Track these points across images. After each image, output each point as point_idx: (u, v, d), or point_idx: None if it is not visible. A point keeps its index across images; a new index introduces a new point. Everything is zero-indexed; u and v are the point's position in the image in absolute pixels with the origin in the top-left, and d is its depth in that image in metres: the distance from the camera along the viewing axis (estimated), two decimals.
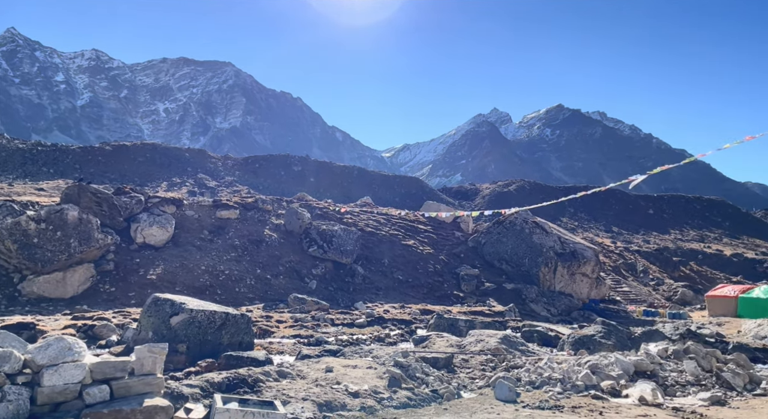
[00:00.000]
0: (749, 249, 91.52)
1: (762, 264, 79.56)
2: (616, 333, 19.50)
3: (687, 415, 8.10)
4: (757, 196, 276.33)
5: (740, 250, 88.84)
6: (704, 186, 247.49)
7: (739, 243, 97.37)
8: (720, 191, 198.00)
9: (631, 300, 41.93)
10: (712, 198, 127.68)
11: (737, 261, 79.95)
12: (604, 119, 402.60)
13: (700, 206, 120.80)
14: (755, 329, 22.61)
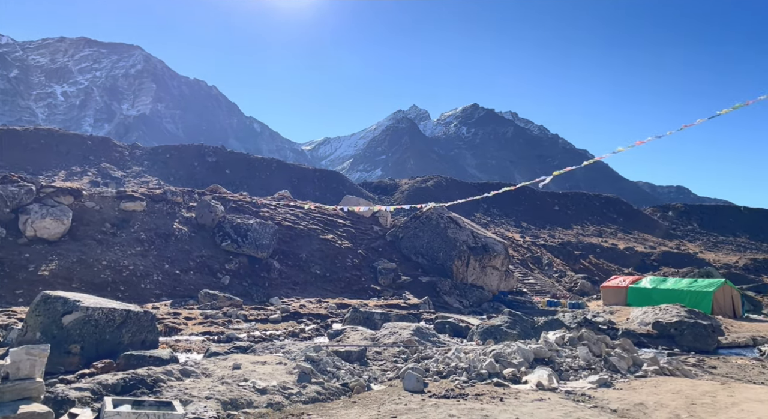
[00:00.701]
0: (639, 243, 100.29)
1: (650, 257, 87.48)
2: (521, 323, 20.63)
3: (577, 397, 8.73)
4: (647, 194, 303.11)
5: (632, 244, 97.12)
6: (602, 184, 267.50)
7: (631, 238, 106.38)
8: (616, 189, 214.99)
9: (536, 291, 44.51)
10: (609, 196, 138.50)
11: (629, 254, 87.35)
12: (515, 119, 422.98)
13: (598, 203, 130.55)
14: (641, 316, 24.82)
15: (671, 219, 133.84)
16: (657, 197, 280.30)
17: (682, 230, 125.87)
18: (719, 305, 32.93)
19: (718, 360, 17.65)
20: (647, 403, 8.25)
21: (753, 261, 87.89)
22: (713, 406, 8.04)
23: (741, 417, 7.42)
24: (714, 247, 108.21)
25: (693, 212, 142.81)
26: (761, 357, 19.43)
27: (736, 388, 9.54)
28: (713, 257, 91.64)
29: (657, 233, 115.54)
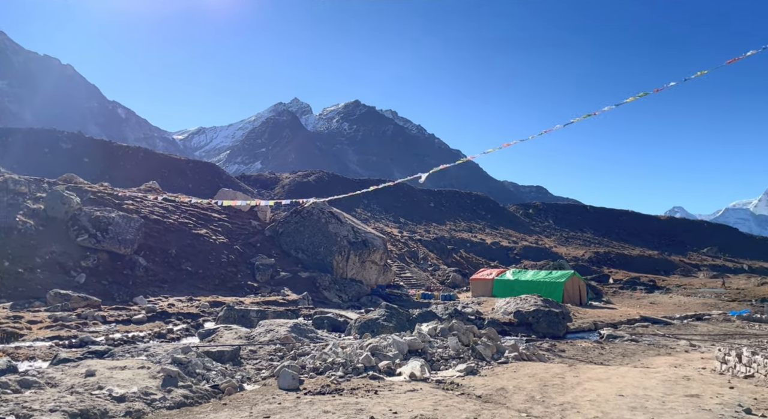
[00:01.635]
0: (504, 238, 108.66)
1: (513, 251, 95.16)
2: (397, 316, 21.25)
3: (447, 386, 9.17)
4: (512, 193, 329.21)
5: (498, 239, 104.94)
6: (473, 183, 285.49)
7: (497, 233, 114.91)
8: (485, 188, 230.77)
9: (413, 285, 46.25)
10: (479, 194, 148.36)
11: (495, 249, 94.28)
12: (395, 118, 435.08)
13: (470, 200, 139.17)
14: (504, 306, 26.87)
15: (531, 216, 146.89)
16: (520, 196, 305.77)
17: (540, 226, 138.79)
18: (569, 294, 36.80)
19: (567, 344, 19.67)
20: (507, 387, 8.91)
21: (596, 254, 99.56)
22: (562, 386, 8.91)
23: (584, 395, 8.30)
24: (566, 242, 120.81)
25: (549, 210, 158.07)
26: (601, 339, 22.02)
27: (581, 369, 10.68)
28: (565, 250, 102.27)
29: (519, 229, 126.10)
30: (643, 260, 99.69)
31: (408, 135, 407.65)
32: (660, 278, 76.41)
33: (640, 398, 8.07)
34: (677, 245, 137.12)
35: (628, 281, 64.00)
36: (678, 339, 22.21)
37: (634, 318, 29.98)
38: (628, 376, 9.77)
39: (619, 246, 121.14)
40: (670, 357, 16.88)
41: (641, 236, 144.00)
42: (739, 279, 76.27)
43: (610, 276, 68.66)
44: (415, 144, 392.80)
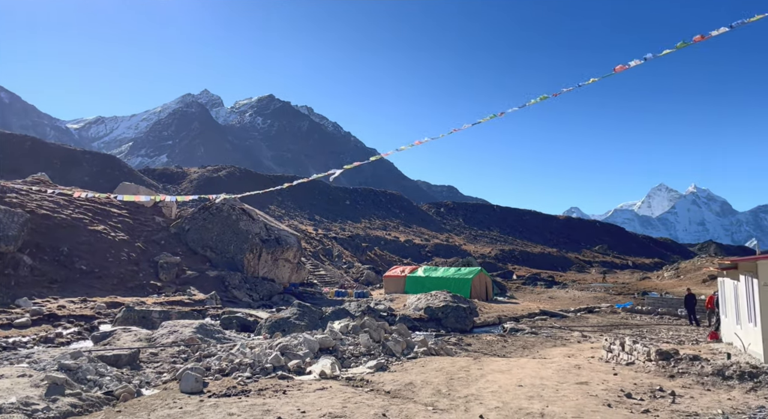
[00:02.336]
0: (417, 236, 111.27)
1: (425, 248, 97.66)
2: (309, 314, 21.03)
3: (357, 383, 9.20)
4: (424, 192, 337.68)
5: (411, 237, 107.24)
6: (388, 182, 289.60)
7: (410, 231, 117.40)
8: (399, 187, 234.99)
9: (326, 282, 46.03)
10: (393, 193, 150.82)
11: (409, 246, 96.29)
12: (311, 114, 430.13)
13: (384, 199, 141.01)
14: (415, 302, 27.50)
15: (443, 215, 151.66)
16: (432, 195, 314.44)
17: (451, 224, 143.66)
18: (476, 290, 38.39)
19: (473, 338, 20.52)
20: (416, 382, 9.11)
21: (502, 252, 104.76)
22: (467, 379, 9.26)
23: (487, 386, 8.69)
24: (474, 240, 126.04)
25: (459, 209, 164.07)
26: (504, 333, 23.18)
27: (485, 362, 11.17)
28: (473, 248, 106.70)
29: (431, 227, 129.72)
30: (544, 257, 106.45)
31: (324, 132, 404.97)
32: (558, 273, 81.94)
33: (537, 387, 8.56)
34: (573, 243, 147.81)
35: (530, 277, 67.95)
36: (572, 331, 23.91)
37: (534, 311, 31.86)
38: (527, 367, 10.35)
39: (522, 244, 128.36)
40: (565, 347, 18.12)
41: (542, 235, 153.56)
42: (624, 274, 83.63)
43: (514, 272, 72.56)
44: (332, 141, 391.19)
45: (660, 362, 9.66)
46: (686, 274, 61.03)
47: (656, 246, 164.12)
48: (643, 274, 77.28)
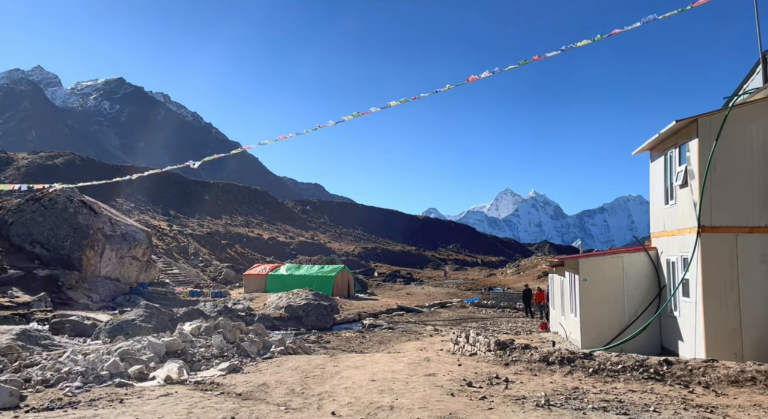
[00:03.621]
0: (281, 234, 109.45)
1: (289, 246, 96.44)
2: (158, 316, 19.55)
3: (206, 387, 8.74)
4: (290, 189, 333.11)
5: (275, 234, 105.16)
6: (252, 177, 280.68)
7: (275, 229, 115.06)
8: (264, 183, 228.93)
9: (180, 282, 43.20)
10: (258, 189, 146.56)
11: (272, 244, 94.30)
12: (167, 102, 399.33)
13: (248, 194, 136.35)
14: (276, 301, 27.01)
15: (308, 213, 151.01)
16: (299, 192, 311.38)
17: (317, 222, 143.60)
18: (338, 287, 38.84)
19: (333, 335, 20.72)
20: (269, 382, 8.91)
21: (365, 250, 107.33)
22: (322, 377, 9.30)
23: (341, 383, 8.80)
24: (339, 238, 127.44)
25: (325, 207, 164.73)
26: (363, 329, 23.75)
27: (341, 358, 11.32)
28: (338, 246, 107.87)
29: (296, 225, 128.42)
30: (404, 255, 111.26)
31: (182, 121, 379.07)
32: (416, 271, 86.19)
33: (388, 381, 8.87)
34: (431, 242, 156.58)
35: (390, 274, 70.61)
36: (426, 325, 25.27)
37: (392, 307, 33.12)
38: (381, 362, 10.69)
39: (384, 242, 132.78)
40: (418, 341, 19.09)
41: (403, 233, 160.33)
42: (474, 271, 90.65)
43: (376, 270, 74.81)
44: (191, 132, 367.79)
45: (498, 352, 10.60)
46: (525, 271, 67.93)
47: (502, 245, 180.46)
48: (490, 271, 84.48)
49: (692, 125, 12.40)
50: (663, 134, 13.94)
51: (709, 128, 12.02)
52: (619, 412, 6.96)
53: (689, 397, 7.69)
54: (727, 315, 11.72)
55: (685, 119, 12.35)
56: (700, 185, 12.06)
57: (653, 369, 8.97)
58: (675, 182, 13.53)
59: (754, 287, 11.67)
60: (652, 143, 15.23)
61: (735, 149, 11.92)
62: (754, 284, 11.68)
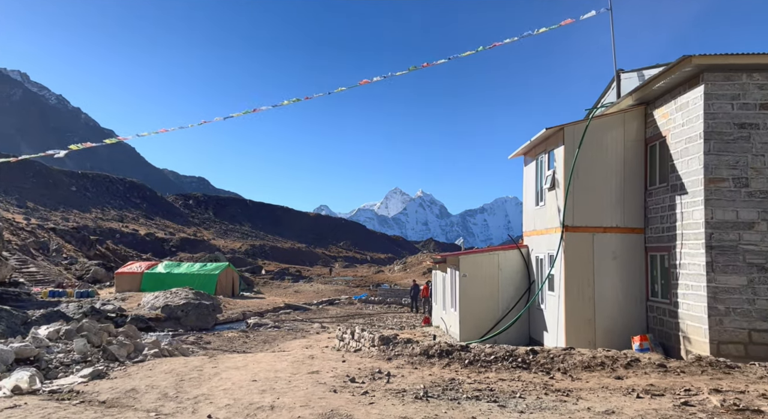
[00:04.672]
0: (161, 229, 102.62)
1: (169, 243, 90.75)
2: (8, 319, 17.41)
3: (63, 396, 7.90)
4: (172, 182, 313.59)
5: (153, 230, 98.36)
6: (128, 168, 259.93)
7: (153, 224, 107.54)
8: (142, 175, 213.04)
9: (38, 281, 38.84)
10: (134, 181, 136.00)
11: (150, 240, 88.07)
12: (26, 82, 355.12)
13: (122, 187, 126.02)
14: (152, 301, 25.25)
15: (191, 207, 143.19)
16: (181, 186, 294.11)
17: (200, 218, 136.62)
18: (222, 286, 37.28)
19: (214, 336, 19.83)
20: (139, 387, 8.28)
21: (252, 247, 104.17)
22: (199, 379, 8.83)
23: (220, 384, 8.42)
24: (224, 234, 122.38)
25: (210, 202, 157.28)
26: (247, 328, 23.03)
27: (221, 359, 10.85)
28: (223, 243, 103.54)
29: (178, 220, 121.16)
30: (294, 252, 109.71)
31: (44, 105, 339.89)
32: (305, 268, 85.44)
33: (271, 380, 8.66)
34: (321, 239, 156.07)
35: (279, 272, 69.27)
36: (313, 323, 25.13)
37: (279, 306, 32.51)
38: (264, 361, 10.41)
39: (273, 239, 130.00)
40: (305, 339, 18.92)
41: (293, 230, 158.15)
42: (363, 268, 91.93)
43: (263, 268, 72.93)
44: (55, 117, 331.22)
45: (381, 347, 10.80)
46: (412, 268, 70.24)
47: (390, 243, 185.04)
48: (378, 268, 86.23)
49: (559, 132, 13.60)
50: (534, 141, 15.12)
51: (573, 137, 13.25)
52: (490, 400, 7.41)
53: (550, 383, 8.40)
54: (584, 307, 13.01)
55: (553, 128, 13.50)
56: (564, 189, 13.25)
57: (521, 358, 9.69)
58: (544, 185, 14.73)
59: (606, 281, 13.08)
60: (526, 149, 16.46)
61: (594, 156, 13.26)
62: (605, 279, 13.09)
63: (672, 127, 11.86)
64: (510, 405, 7.17)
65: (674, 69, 10.87)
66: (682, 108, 11.46)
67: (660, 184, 12.44)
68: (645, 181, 13.16)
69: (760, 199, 10.38)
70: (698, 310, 10.66)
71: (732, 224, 10.42)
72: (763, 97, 10.46)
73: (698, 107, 10.79)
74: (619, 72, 15.71)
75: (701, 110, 10.67)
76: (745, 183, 10.43)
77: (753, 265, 10.27)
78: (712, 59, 10.35)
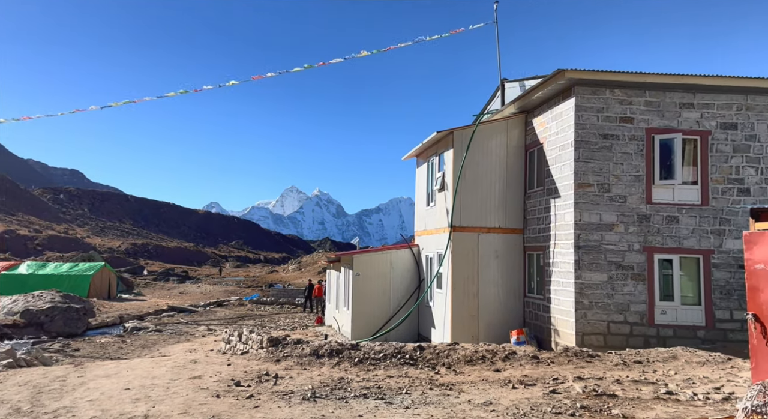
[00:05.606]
0: (24, 226, 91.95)
1: (34, 241, 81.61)
2: None
3: None
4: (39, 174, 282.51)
5: (14, 226, 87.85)
6: None
7: (14, 220, 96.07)
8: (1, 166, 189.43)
9: None
10: None
11: (10, 238, 78.53)
12: None
13: None
14: (10, 305, 22.49)
15: (62, 202, 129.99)
16: (50, 179, 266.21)
17: (72, 214, 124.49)
18: (96, 288, 34.23)
19: (84, 342, 18.10)
20: None
21: (134, 245, 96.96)
22: (61, 390, 7.97)
23: (85, 395, 7.66)
24: (101, 232, 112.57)
25: (85, 196, 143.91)
26: (124, 333, 21.32)
27: (89, 368, 9.89)
28: (100, 241, 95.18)
29: (45, 216, 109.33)
30: (181, 252, 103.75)
31: None
32: (193, 268, 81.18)
33: (146, 388, 8.05)
34: (212, 238, 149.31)
35: (163, 273, 65.14)
36: (199, 325, 23.90)
37: (162, 308, 30.52)
38: (139, 368, 9.67)
39: (158, 238, 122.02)
40: (189, 342, 17.91)
41: (180, 229, 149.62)
42: (256, 268, 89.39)
43: (146, 268, 68.14)
44: None
45: (270, 348, 10.51)
46: (307, 267, 69.58)
47: (286, 242, 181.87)
48: (272, 268, 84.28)
49: (449, 136, 14.16)
50: (426, 143, 15.62)
51: (462, 141, 13.87)
52: (377, 397, 7.48)
53: (435, 378, 8.68)
54: (468, 303, 13.66)
55: (443, 131, 14.03)
56: (453, 190, 13.82)
57: (409, 354, 9.92)
58: (435, 186, 15.27)
59: (489, 279, 13.85)
60: (418, 151, 16.95)
61: (480, 160, 13.98)
62: (488, 277, 13.85)
63: (548, 135, 12.84)
64: (396, 401, 7.30)
65: (550, 81, 11.77)
66: (557, 118, 12.45)
67: (537, 188, 13.41)
68: (525, 185, 14.12)
69: (618, 203, 11.57)
70: (567, 305, 11.63)
71: (596, 225, 11.50)
72: (623, 111, 11.67)
73: (570, 118, 11.78)
74: (504, 81, 16.73)
75: (572, 120, 11.66)
76: (607, 189, 11.56)
77: (612, 263, 11.42)
78: (582, 74, 11.34)
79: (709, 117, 11.72)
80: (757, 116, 11.74)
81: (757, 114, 11.75)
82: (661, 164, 11.57)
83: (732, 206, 11.57)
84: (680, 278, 11.53)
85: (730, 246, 11.44)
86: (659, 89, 11.65)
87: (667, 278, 11.51)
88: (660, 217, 11.55)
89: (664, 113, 11.67)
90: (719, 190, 11.64)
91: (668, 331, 11.29)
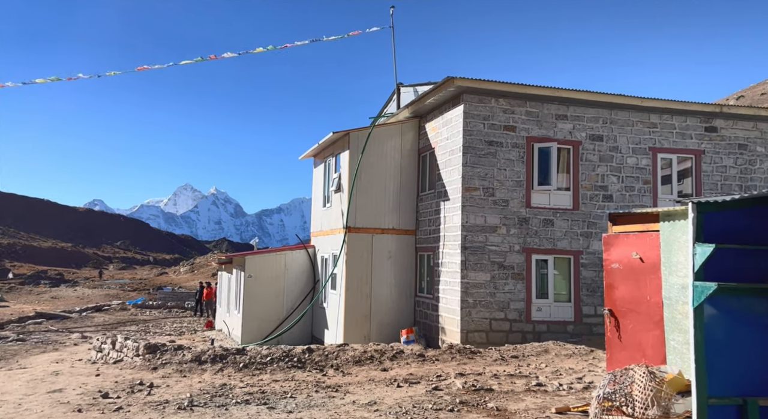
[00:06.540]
0: None
1: None
2: None
3: None
4: None
5: None
6: None
7: None
8: None
9: None
10: None
11: None
12: None
13: None
14: None
15: None
16: None
17: None
18: None
19: None
20: None
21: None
22: None
23: None
24: None
25: None
26: None
27: None
28: None
29: None
30: (56, 253, 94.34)
31: None
32: (71, 270, 74.19)
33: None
34: (94, 238, 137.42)
35: (33, 276, 58.96)
36: (72, 333, 21.80)
37: (28, 314, 27.52)
38: None
39: (28, 237, 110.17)
40: (56, 352, 16.25)
41: (57, 228, 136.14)
42: (144, 270, 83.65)
43: (11, 270, 61.19)
44: None
45: (147, 356, 9.80)
46: (200, 269, 66.29)
47: (178, 243, 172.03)
48: (162, 269, 79.29)
49: (345, 137, 14.16)
50: (323, 144, 15.50)
51: (358, 142, 13.92)
52: (260, 403, 7.24)
53: (322, 380, 8.59)
54: (361, 303, 13.73)
55: (340, 132, 14.00)
56: (348, 192, 13.83)
57: (297, 357, 9.73)
58: (331, 187, 15.19)
59: (382, 279, 14.02)
60: (315, 151, 16.79)
61: (375, 162, 14.12)
62: (382, 277, 14.03)
63: (439, 139, 13.28)
64: (280, 406, 7.10)
65: (440, 88, 12.18)
66: (447, 123, 12.91)
67: (429, 190, 13.82)
68: (417, 187, 14.49)
69: (501, 206, 12.24)
70: (454, 303, 12.09)
71: (481, 227, 12.08)
72: (506, 119, 12.37)
73: (459, 124, 12.27)
74: (399, 85, 17.07)
75: (461, 126, 12.16)
76: (491, 193, 12.19)
77: (495, 263, 12.06)
78: (469, 83, 11.86)
79: (580, 128, 12.79)
80: (619, 129, 13.02)
81: (619, 127, 13.02)
82: (539, 171, 12.41)
83: (598, 210, 12.71)
84: (554, 277, 12.44)
85: (595, 247, 12.55)
86: (539, 100, 12.50)
87: (543, 277, 12.37)
88: (538, 220, 12.39)
89: (543, 122, 12.55)
90: (588, 196, 12.74)
91: (543, 327, 12.13)
